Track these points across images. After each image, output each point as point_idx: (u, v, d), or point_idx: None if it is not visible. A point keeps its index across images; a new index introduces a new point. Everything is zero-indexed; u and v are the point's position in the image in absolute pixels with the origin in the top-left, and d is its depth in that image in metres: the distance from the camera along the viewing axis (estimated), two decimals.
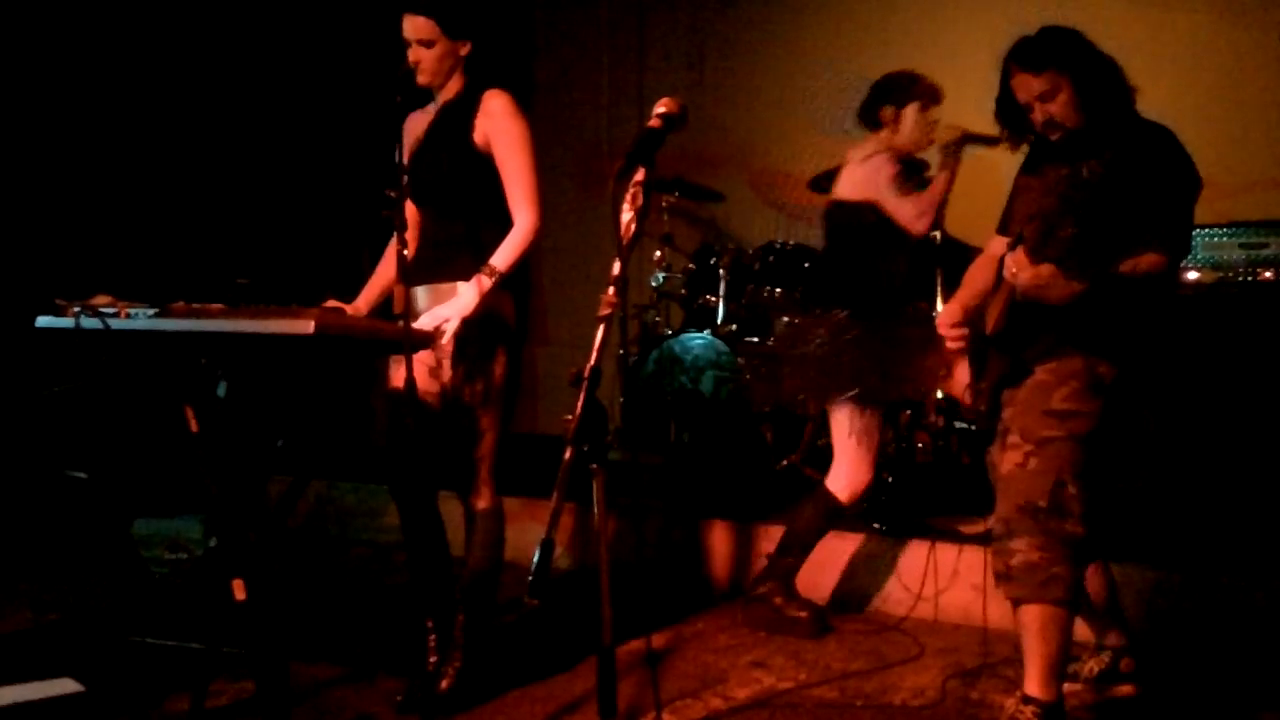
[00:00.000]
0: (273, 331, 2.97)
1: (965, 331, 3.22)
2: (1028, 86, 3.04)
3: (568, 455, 2.03)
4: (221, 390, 3.48)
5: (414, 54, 3.42)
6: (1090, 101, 3.02)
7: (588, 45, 7.13)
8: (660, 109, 2.36)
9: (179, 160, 6.03)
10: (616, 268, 2.14)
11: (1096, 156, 2.82)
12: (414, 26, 3.42)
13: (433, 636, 3.45)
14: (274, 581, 3.26)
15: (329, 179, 6.12)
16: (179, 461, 4.08)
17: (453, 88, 3.52)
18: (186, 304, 3.15)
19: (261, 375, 3.62)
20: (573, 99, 7.08)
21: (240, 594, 3.26)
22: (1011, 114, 3.17)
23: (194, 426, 3.38)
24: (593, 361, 2.09)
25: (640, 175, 2.21)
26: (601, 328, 2.10)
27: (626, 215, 2.17)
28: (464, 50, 3.47)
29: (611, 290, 2.11)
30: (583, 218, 6.81)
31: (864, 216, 4.04)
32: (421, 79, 3.43)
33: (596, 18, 7.10)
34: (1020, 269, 2.88)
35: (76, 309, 3.10)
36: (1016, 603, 2.94)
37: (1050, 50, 3.02)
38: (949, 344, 3.28)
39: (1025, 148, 3.30)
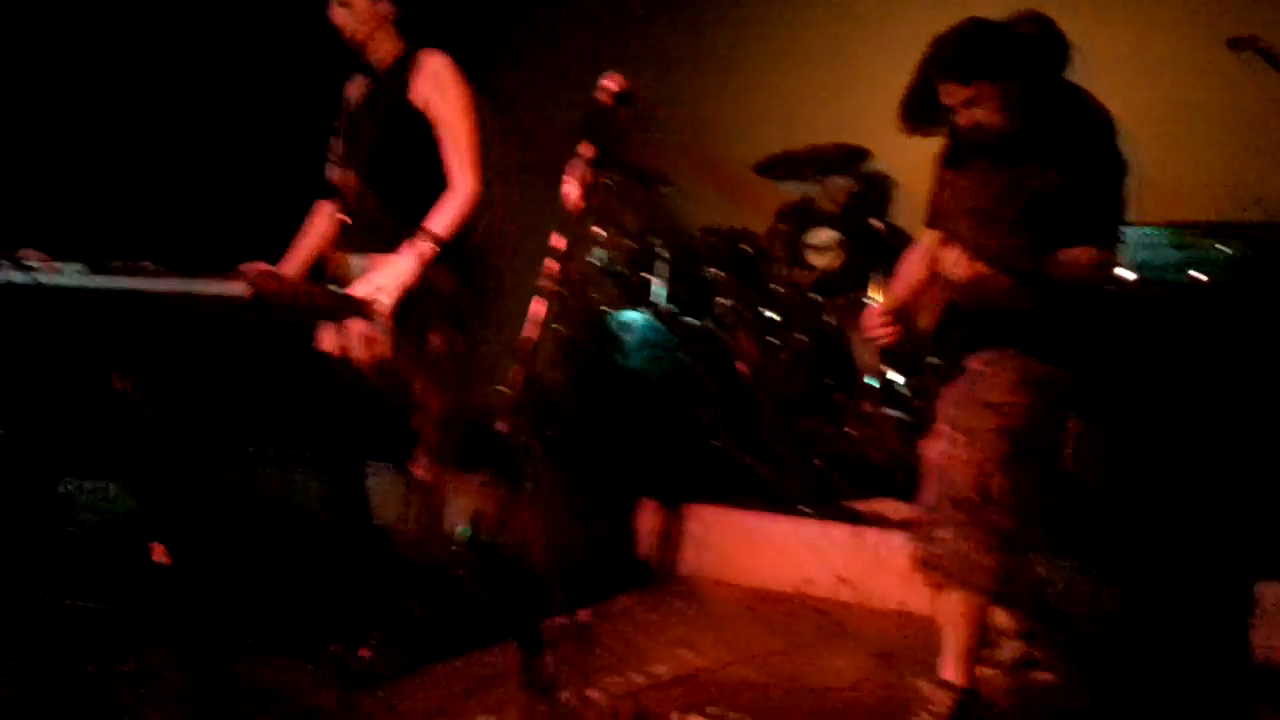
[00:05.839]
0: (208, 293, 2.94)
1: (894, 329, 3.24)
2: (955, 94, 3.01)
3: (504, 429, 2.03)
4: (151, 351, 3.44)
5: (335, 14, 3.41)
6: (1018, 105, 3.00)
7: (558, 42, 7.09)
8: (610, 85, 2.35)
9: (109, 122, 5.90)
10: (560, 241, 2.13)
11: (1030, 156, 2.86)
12: None
13: (355, 608, 3.44)
14: (195, 549, 3.23)
15: (268, 144, 6.02)
16: (106, 423, 4.02)
17: (388, 52, 3.48)
18: (120, 262, 3.11)
19: (194, 338, 3.58)
20: (541, 98, 6.98)
21: (159, 556, 3.23)
22: (925, 111, 3.11)
23: (122, 388, 3.34)
24: (533, 334, 2.09)
25: (588, 151, 2.20)
26: (543, 301, 2.09)
27: (572, 190, 2.17)
28: (384, 9, 3.43)
29: (554, 264, 2.11)
30: (534, 208, 6.74)
31: None
32: (345, 39, 3.40)
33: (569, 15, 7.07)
34: (960, 267, 2.90)
35: (4, 263, 3.04)
36: (938, 588, 2.98)
37: (978, 57, 2.96)
38: (878, 340, 3.31)
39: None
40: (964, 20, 3.04)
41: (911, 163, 4.85)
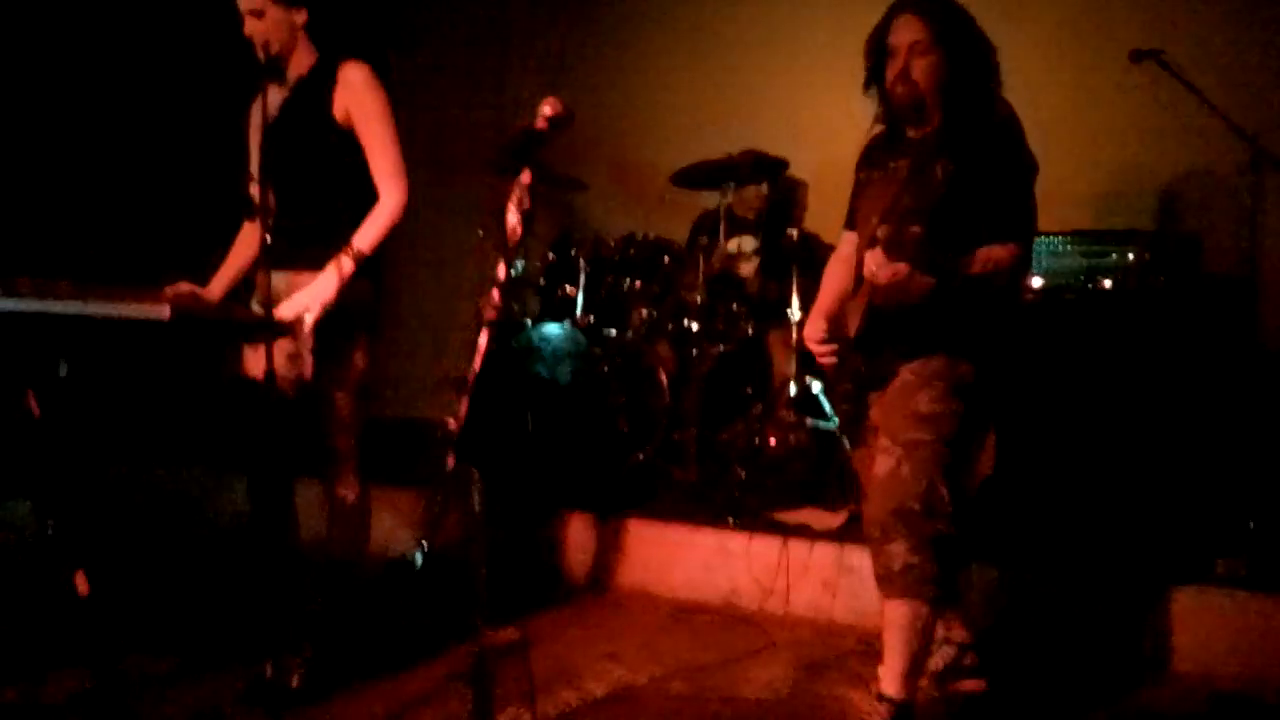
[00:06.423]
0: (127, 315, 2.87)
1: (834, 347, 3.27)
2: (910, 28, 3.07)
3: (451, 462, 2.01)
4: (62, 370, 3.35)
5: (247, 26, 3.34)
6: (950, 80, 3.07)
7: (447, 35, 7.01)
8: (546, 110, 2.33)
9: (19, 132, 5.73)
10: (501, 271, 2.12)
11: (944, 155, 2.93)
12: None
13: (280, 627, 3.37)
14: (112, 569, 3.16)
15: (186, 159, 5.90)
16: (7, 443, 3.90)
17: (303, 61, 3.43)
18: (31, 281, 3.01)
19: (110, 358, 3.49)
20: (431, 86, 6.93)
21: (84, 587, 3.15)
22: (877, 53, 3.16)
23: (36, 411, 3.25)
24: (477, 366, 2.06)
25: (526, 178, 2.18)
26: (485, 332, 2.07)
27: (512, 218, 2.15)
28: (299, 18, 3.39)
29: (496, 293, 2.09)
30: (434, 205, 6.70)
31: None
32: (260, 52, 3.35)
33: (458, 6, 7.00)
34: (879, 268, 2.94)
35: None
36: (888, 599, 3.02)
37: (948, 13, 3.08)
38: (820, 360, 3.34)
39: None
40: None
41: (824, 166, 4.94)
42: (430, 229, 6.72)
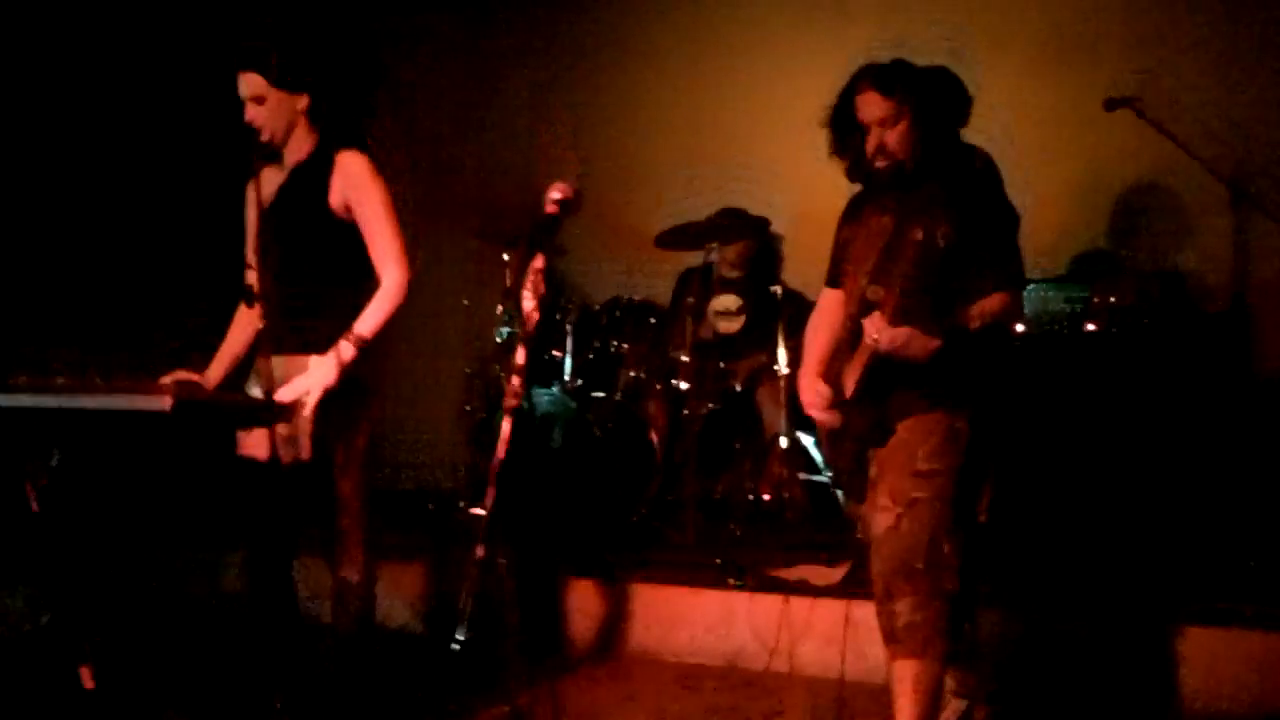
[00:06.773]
0: (127, 408, 2.86)
1: (838, 415, 3.28)
2: (874, 106, 3.09)
3: (480, 554, 2.01)
4: (54, 460, 3.34)
5: (249, 112, 3.36)
6: (926, 142, 3.09)
7: (431, 84, 7.05)
8: (555, 195, 2.35)
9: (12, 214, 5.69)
10: (520, 357, 2.12)
11: (930, 214, 2.96)
12: (244, 84, 3.36)
13: (287, 707, 3.34)
14: (112, 655, 3.14)
15: (180, 244, 5.88)
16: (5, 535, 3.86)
17: (302, 146, 3.44)
18: (29, 377, 3.00)
19: (109, 449, 3.48)
20: (415, 133, 6.94)
21: (89, 682, 3.12)
22: (843, 127, 3.20)
23: (34, 506, 3.23)
24: (501, 455, 2.07)
25: (540, 263, 2.20)
26: (508, 420, 2.08)
27: (528, 304, 2.16)
28: (301, 104, 3.40)
29: (516, 380, 2.09)
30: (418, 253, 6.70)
31: None
32: (262, 137, 3.36)
33: (442, 57, 7.03)
34: (881, 334, 2.98)
35: None
36: (894, 658, 3.02)
37: (905, 80, 3.09)
38: (822, 424, 3.35)
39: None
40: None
41: (801, 219, 4.97)
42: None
